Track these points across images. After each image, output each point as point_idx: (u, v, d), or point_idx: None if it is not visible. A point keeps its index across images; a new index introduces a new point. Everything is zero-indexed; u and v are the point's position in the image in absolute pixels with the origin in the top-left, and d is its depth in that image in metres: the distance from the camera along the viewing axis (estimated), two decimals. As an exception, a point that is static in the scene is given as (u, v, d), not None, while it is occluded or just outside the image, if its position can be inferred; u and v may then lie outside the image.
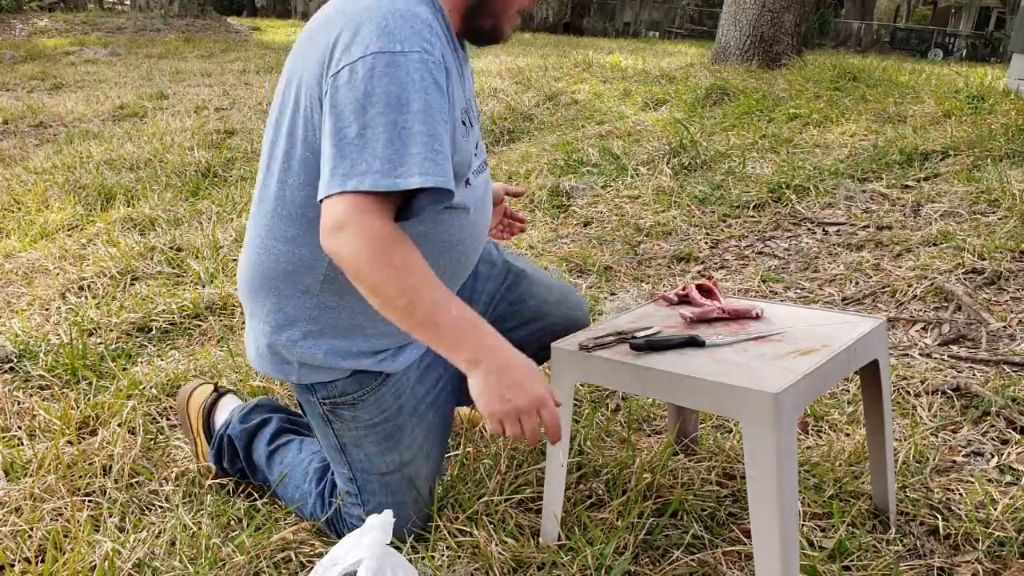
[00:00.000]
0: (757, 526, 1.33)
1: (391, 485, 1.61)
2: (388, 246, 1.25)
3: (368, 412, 1.55)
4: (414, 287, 1.26)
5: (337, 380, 1.53)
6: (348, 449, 1.59)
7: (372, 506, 1.61)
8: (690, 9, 28.67)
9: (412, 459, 1.61)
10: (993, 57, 23.03)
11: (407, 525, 1.62)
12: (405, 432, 1.58)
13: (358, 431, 1.56)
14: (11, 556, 1.60)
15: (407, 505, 1.62)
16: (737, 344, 1.49)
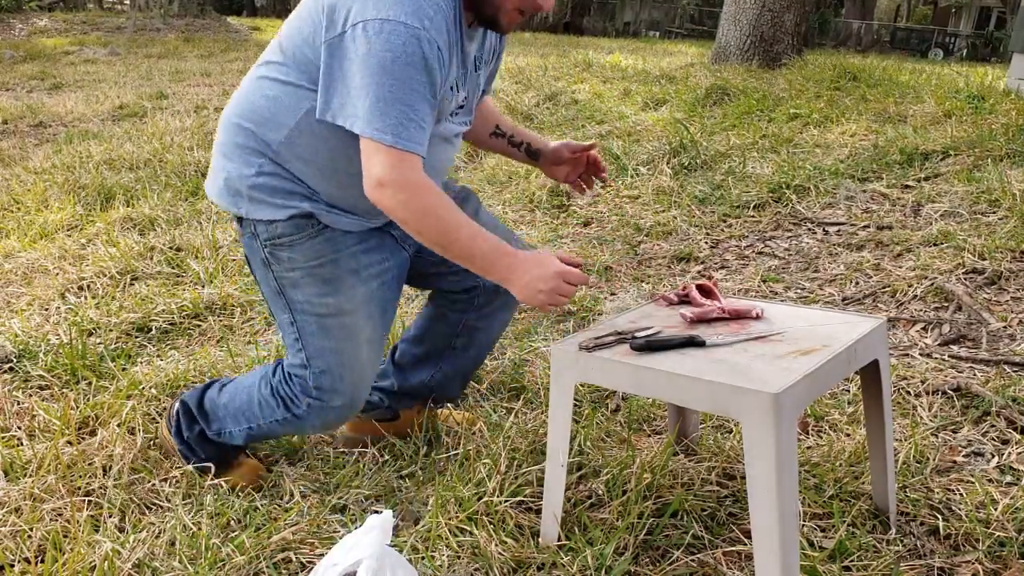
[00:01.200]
0: (757, 526, 1.33)
1: (330, 329, 1.69)
2: (421, 194, 1.49)
3: (304, 255, 1.65)
4: (450, 230, 1.51)
5: (278, 221, 1.64)
6: (287, 291, 1.69)
7: (312, 350, 1.70)
8: (690, 9, 28.67)
9: (353, 311, 1.69)
10: (993, 57, 23.03)
11: (346, 379, 1.71)
12: (344, 284, 1.68)
13: (295, 272, 1.67)
14: (11, 556, 1.60)
15: (346, 354, 1.70)
16: (737, 344, 1.49)
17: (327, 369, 1.70)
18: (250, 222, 1.67)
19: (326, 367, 1.70)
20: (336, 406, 1.74)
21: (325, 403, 1.73)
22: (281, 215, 1.64)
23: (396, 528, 1.69)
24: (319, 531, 1.70)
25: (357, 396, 1.75)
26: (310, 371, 1.71)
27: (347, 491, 1.85)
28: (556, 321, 2.84)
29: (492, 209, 4.29)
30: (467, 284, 1.91)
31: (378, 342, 1.75)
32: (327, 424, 1.80)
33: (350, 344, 1.70)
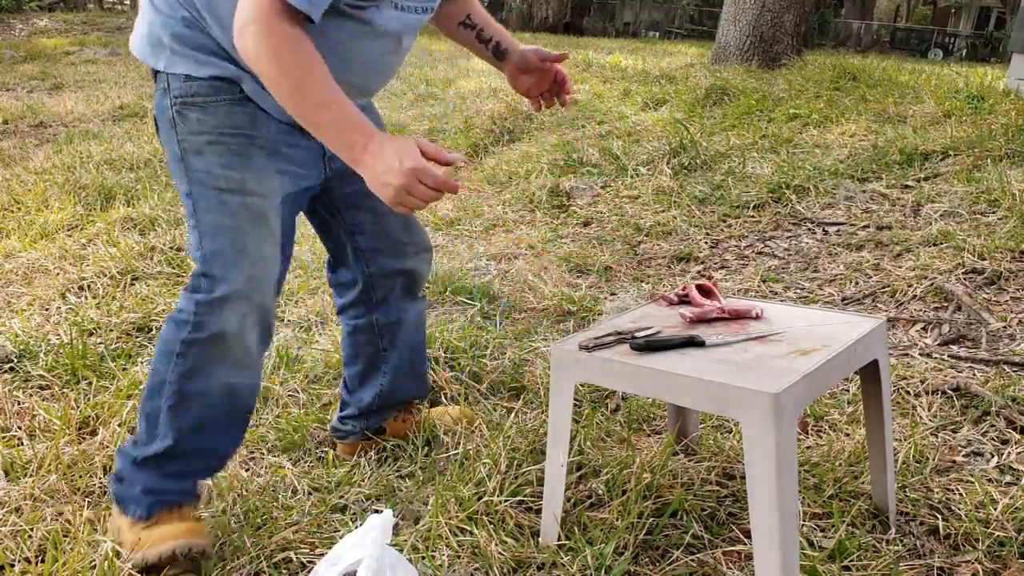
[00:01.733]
0: (757, 526, 1.33)
1: (228, 205, 1.52)
2: (288, 48, 1.35)
3: (216, 118, 1.51)
4: (299, 86, 1.36)
5: (196, 79, 1.51)
6: (188, 157, 1.52)
7: (205, 226, 1.53)
8: (690, 9, 28.66)
9: (260, 194, 1.54)
10: (993, 57, 23.03)
11: (240, 267, 1.53)
12: (254, 162, 1.53)
13: (202, 137, 1.51)
14: (11, 556, 1.60)
15: (247, 237, 1.53)
16: (737, 344, 1.49)
17: (219, 250, 1.52)
18: (164, 76, 1.52)
19: (218, 247, 1.52)
20: (227, 299, 1.52)
21: (213, 296, 1.52)
22: (201, 72, 1.50)
23: (396, 528, 1.69)
24: (319, 531, 1.70)
25: (254, 290, 1.55)
26: (201, 254, 1.53)
27: (347, 491, 1.85)
28: (556, 321, 2.84)
29: (492, 209, 4.29)
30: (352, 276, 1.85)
31: (278, 247, 1.59)
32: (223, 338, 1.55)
33: (252, 227, 1.53)
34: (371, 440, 2.02)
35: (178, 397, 1.58)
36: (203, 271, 1.53)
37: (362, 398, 1.98)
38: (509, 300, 3.01)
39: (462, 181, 4.97)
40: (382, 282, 1.88)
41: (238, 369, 1.60)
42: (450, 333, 2.54)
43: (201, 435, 1.60)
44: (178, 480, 1.61)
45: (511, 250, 3.65)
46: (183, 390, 1.58)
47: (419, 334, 1.99)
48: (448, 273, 3.17)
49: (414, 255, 1.90)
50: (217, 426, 1.62)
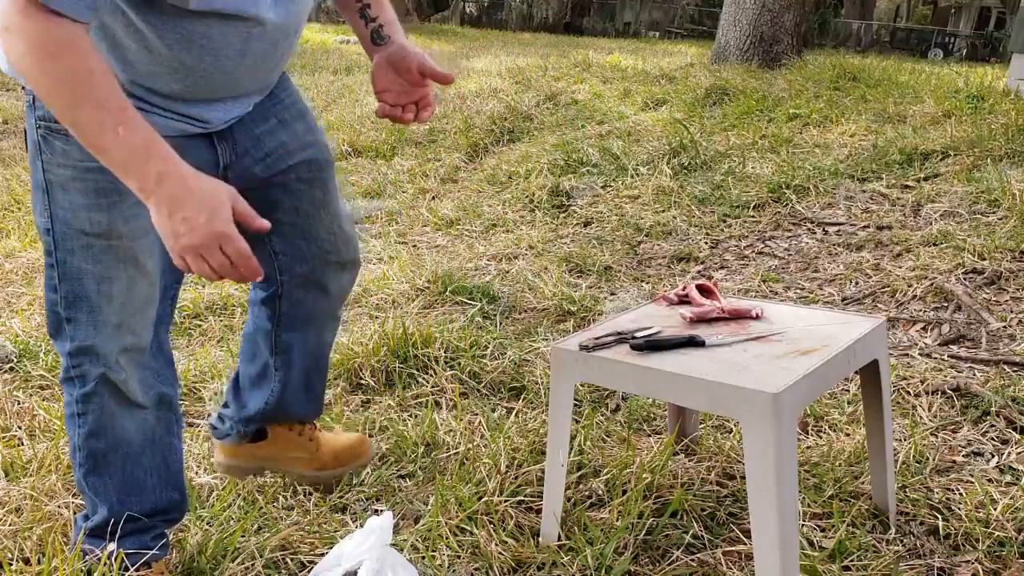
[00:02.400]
0: (757, 526, 1.33)
1: (92, 249, 1.34)
2: (51, 54, 1.11)
3: (80, 150, 1.24)
4: (76, 104, 1.14)
5: None
6: (52, 190, 1.33)
7: (68, 269, 1.35)
8: (690, 9, 28.67)
9: (130, 236, 1.35)
10: (993, 57, 23.03)
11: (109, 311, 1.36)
12: (126, 202, 1.29)
13: (67, 171, 1.31)
14: (10, 556, 1.60)
15: (111, 281, 1.35)
16: (737, 344, 1.49)
17: (83, 295, 1.35)
18: (29, 91, 1.31)
19: (82, 293, 1.35)
20: (96, 346, 1.37)
21: (83, 344, 1.37)
22: None
23: (396, 528, 1.69)
24: (319, 531, 1.70)
25: (125, 335, 1.38)
26: (62, 297, 1.36)
27: (347, 491, 1.85)
28: (556, 321, 2.84)
29: (492, 209, 4.29)
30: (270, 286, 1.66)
31: (160, 278, 1.42)
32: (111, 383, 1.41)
33: (119, 271, 1.36)
34: (251, 455, 1.85)
35: (92, 461, 1.46)
36: (67, 316, 1.37)
37: (246, 403, 1.79)
38: (509, 300, 3.01)
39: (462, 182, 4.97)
40: (293, 292, 1.66)
41: (143, 411, 1.47)
42: (450, 333, 2.54)
43: (135, 496, 1.48)
44: (135, 543, 1.49)
45: (511, 250, 3.65)
46: (95, 452, 1.45)
47: (322, 359, 1.79)
48: (448, 273, 3.17)
49: (336, 268, 1.67)
50: (147, 481, 1.49)
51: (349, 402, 2.28)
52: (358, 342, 2.47)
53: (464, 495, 1.74)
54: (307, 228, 1.61)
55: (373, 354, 2.41)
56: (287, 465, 1.86)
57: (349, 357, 2.41)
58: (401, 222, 4.15)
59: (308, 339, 1.73)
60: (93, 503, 1.49)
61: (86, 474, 1.47)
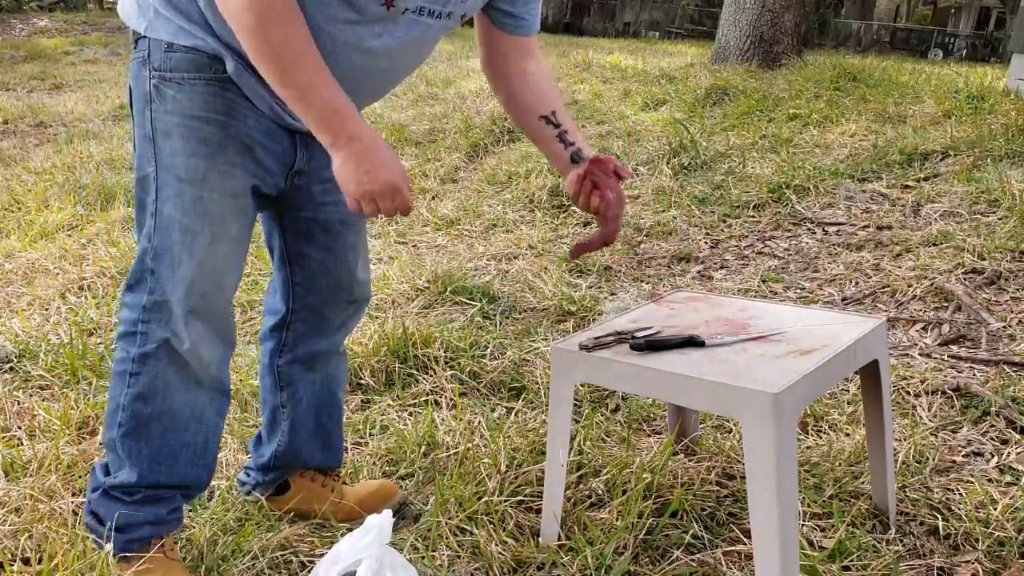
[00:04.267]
0: (757, 526, 1.33)
1: (184, 198, 1.38)
2: (271, 18, 1.24)
3: (192, 100, 1.37)
4: (288, 65, 1.26)
5: (177, 49, 1.36)
6: (158, 138, 1.39)
7: (161, 219, 1.39)
8: (690, 9, 28.66)
9: (219, 189, 1.39)
10: (993, 57, 23.02)
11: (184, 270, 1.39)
12: (224, 155, 1.39)
13: (174, 117, 1.38)
14: (11, 556, 1.60)
15: (195, 236, 1.39)
16: (737, 344, 1.49)
17: (167, 247, 1.39)
18: (146, 42, 1.38)
19: (167, 244, 1.39)
20: (171, 304, 1.39)
21: (157, 299, 1.39)
22: (184, 40, 1.36)
23: (396, 527, 1.69)
24: (319, 531, 1.70)
25: (202, 296, 1.41)
26: (151, 245, 1.40)
27: (347, 491, 1.85)
28: (556, 321, 2.84)
29: (492, 209, 4.29)
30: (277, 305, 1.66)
31: (241, 247, 1.46)
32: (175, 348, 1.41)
33: (205, 226, 1.39)
34: (279, 497, 1.79)
35: (133, 423, 1.44)
36: (152, 267, 1.40)
37: (263, 453, 1.76)
38: (509, 300, 3.01)
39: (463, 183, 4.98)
40: (299, 323, 1.66)
41: (198, 388, 1.47)
42: (450, 333, 2.54)
43: (166, 466, 1.47)
44: (150, 513, 1.48)
45: (511, 250, 3.65)
46: (139, 415, 1.44)
47: (332, 396, 1.74)
48: (448, 273, 3.17)
49: (345, 305, 1.68)
50: (182, 454, 1.48)
51: (349, 402, 2.28)
52: (358, 342, 2.47)
53: (464, 495, 1.74)
54: (331, 266, 1.63)
55: (373, 354, 2.41)
56: (314, 514, 1.78)
57: (349, 357, 2.41)
58: (401, 222, 4.15)
59: (313, 375, 1.70)
60: (119, 462, 1.47)
61: (124, 435, 1.44)
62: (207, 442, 1.52)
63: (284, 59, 1.26)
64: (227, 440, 2.04)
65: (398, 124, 6.31)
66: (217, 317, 1.45)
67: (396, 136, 5.93)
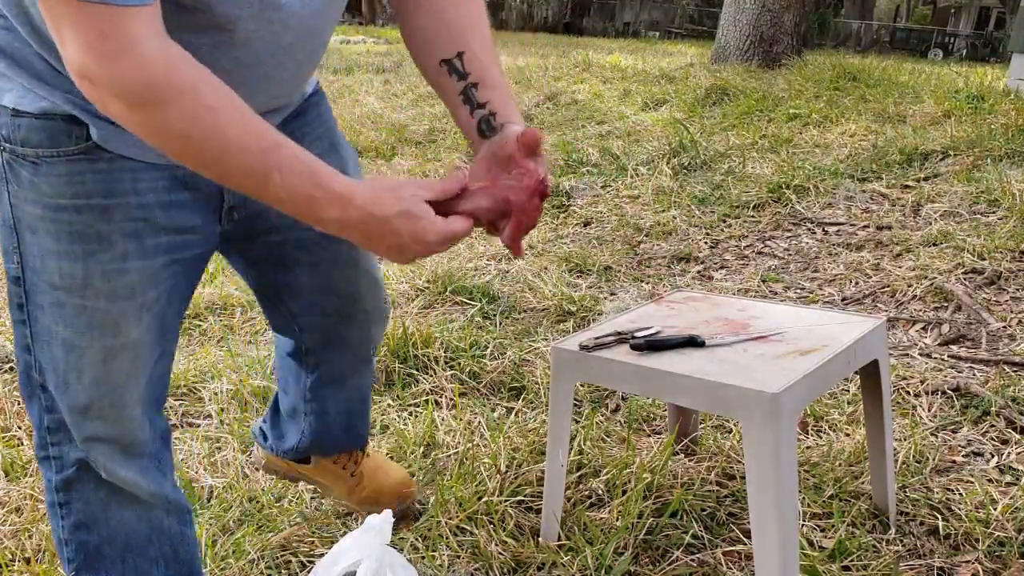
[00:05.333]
0: (757, 526, 1.33)
1: (65, 309, 1.07)
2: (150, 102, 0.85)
3: (53, 186, 1.02)
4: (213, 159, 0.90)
5: (24, 115, 1.00)
6: (22, 232, 1.06)
7: (39, 328, 1.10)
8: (690, 9, 28.67)
9: (106, 292, 1.07)
10: (993, 57, 23.03)
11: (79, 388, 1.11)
12: (108, 248, 1.05)
13: (36, 208, 1.04)
14: (11, 556, 1.60)
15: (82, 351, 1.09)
16: (737, 344, 1.49)
17: (52, 364, 1.11)
18: None
19: (50, 361, 1.11)
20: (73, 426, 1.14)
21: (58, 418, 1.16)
22: (29, 104, 1.00)
23: (396, 527, 1.69)
24: (319, 531, 1.70)
25: (101, 417, 1.14)
26: (34, 360, 1.12)
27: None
28: (556, 321, 2.84)
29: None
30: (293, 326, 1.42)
31: (149, 348, 1.14)
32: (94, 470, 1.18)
33: (94, 339, 1.09)
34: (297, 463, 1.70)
35: (83, 557, 1.22)
36: (41, 382, 1.14)
37: (283, 435, 1.64)
38: (509, 300, 3.01)
39: None
40: (318, 349, 1.47)
41: (143, 505, 1.23)
42: (450, 333, 2.54)
43: None
44: None
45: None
46: (86, 546, 1.22)
47: (362, 402, 1.61)
48: (448, 273, 3.17)
49: (361, 320, 1.43)
50: (155, 571, 1.27)
51: (349, 402, 2.28)
52: (358, 342, 2.47)
53: (464, 495, 1.74)
54: (328, 283, 1.36)
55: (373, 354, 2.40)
56: (326, 489, 1.72)
57: (349, 357, 2.41)
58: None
59: (343, 390, 1.55)
60: None
61: (78, 570, 1.23)
62: (177, 553, 1.29)
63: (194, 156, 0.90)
64: (228, 439, 2.04)
65: (398, 124, 6.31)
66: (125, 437, 1.17)
67: (396, 136, 5.93)
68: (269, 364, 2.42)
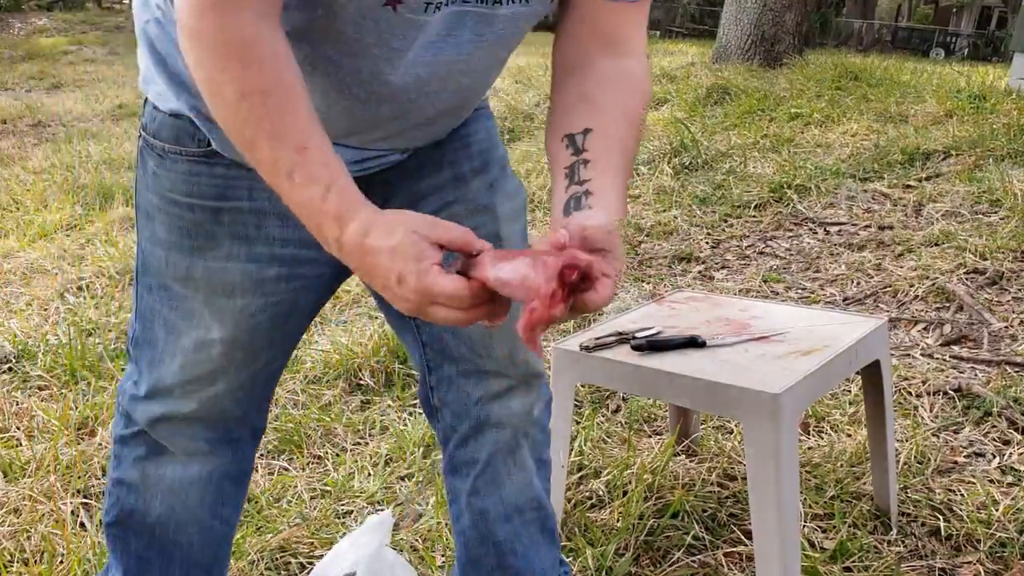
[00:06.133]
0: (758, 527, 1.33)
1: (169, 294, 1.10)
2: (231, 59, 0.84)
3: (171, 179, 1.05)
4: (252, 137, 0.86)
5: (159, 111, 1.06)
6: (140, 216, 1.12)
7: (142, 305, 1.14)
8: (691, 8, 28.66)
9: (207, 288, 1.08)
10: (995, 56, 23.01)
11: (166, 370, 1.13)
12: (214, 250, 1.06)
13: (155, 197, 1.08)
14: (10, 557, 1.60)
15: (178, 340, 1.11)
16: (738, 344, 1.48)
17: (150, 340, 1.14)
18: (145, 98, 1.09)
19: (148, 337, 1.14)
20: (151, 401, 1.15)
21: (138, 393, 1.16)
22: (164, 102, 1.05)
23: (396, 528, 1.68)
24: (319, 531, 1.70)
25: (190, 402, 1.14)
26: (137, 331, 1.16)
27: (347, 491, 1.84)
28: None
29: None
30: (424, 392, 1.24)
31: (247, 352, 1.12)
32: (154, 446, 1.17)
33: (191, 328, 1.10)
34: None
35: (116, 513, 1.21)
36: (135, 355, 1.17)
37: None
38: (509, 300, 3.01)
39: None
40: (450, 405, 1.22)
41: (177, 505, 1.19)
42: (450, 333, 2.53)
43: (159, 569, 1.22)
44: None
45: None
46: (122, 505, 1.20)
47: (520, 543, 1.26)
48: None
49: (495, 380, 1.18)
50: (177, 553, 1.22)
51: (349, 402, 2.28)
52: (358, 342, 2.47)
53: (464, 496, 1.73)
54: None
55: (373, 354, 2.40)
56: None
57: (349, 357, 2.40)
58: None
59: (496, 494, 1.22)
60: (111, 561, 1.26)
61: (107, 526, 1.24)
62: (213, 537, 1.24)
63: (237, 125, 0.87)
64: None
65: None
66: (213, 429, 1.17)
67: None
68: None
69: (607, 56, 0.98)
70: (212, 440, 1.18)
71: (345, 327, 2.67)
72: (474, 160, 1.18)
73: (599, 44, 0.98)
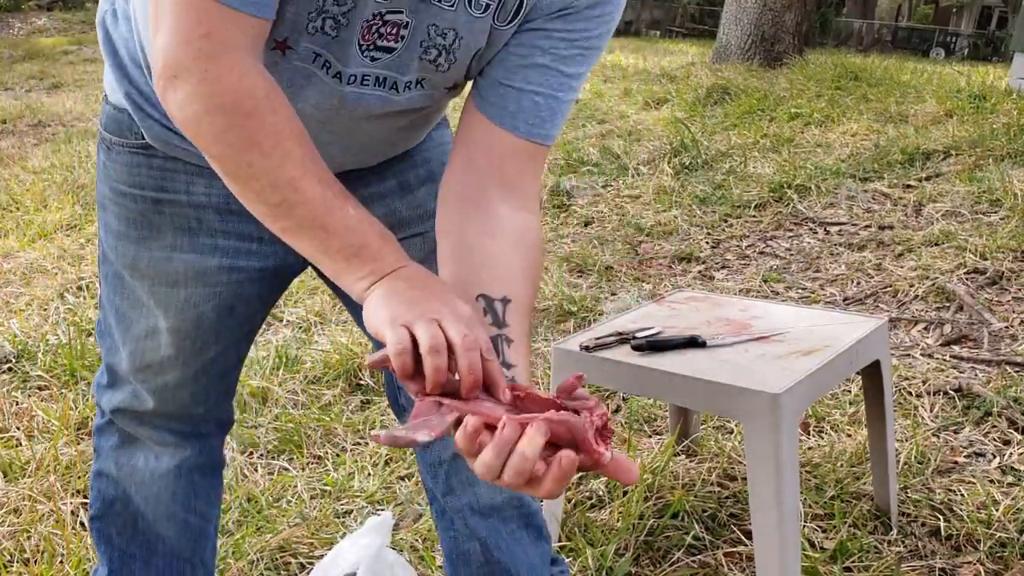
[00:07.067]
0: (758, 527, 1.33)
1: (121, 282, 1.13)
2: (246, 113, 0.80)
3: (116, 172, 1.07)
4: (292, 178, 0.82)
5: (109, 102, 1.08)
6: (98, 205, 1.15)
7: (103, 293, 1.16)
8: (691, 8, 28.65)
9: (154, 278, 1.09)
10: (995, 56, 23.00)
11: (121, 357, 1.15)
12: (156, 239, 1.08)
13: (105, 187, 1.10)
14: (10, 557, 1.60)
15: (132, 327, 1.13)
16: (738, 344, 1.48)
17: (107, 329, 1.17)
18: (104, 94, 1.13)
19: (107, 326, 1.17)
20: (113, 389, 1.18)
21: (101, 381, 1.21)
22: (111, 94, 1.07)
23: (396, 528, 1.68)
24: (319, 532, 1.70)
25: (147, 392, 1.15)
26: (98, 321, 1.21)
27: (347, 491, 1.84)
28: (556, 321, 2.83)
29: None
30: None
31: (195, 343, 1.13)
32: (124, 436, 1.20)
33: (141, 317, 1.12)
34: None
35: (99, 505, 1.23)
36: (99, 344, 1.20)
37: None
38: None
39: None
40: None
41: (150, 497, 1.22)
42: (450, 333, 2.53)
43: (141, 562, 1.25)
44: None
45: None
46: (104, 497, 1.23)
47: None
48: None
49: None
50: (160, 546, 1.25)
51: (349, 402, 2.28)
52: (358, 342, 2.47)
53: (464, 496, 1.73)
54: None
55: (373, 354, 2.40)
56: None
57: (349, 357, 2.40)
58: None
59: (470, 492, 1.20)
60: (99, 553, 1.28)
61: (92, 519, 1.27)
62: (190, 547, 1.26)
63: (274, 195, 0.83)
64: (227, 440, 2.03)
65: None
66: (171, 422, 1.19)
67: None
68: (268, 364, 2.42)
69: (507, 204, 0.95)
70: (177, 432, 1.20)
71: (344, 327, 2.67)
72: (419, 168, 1.15)
73: (498, 187, 0.95)
